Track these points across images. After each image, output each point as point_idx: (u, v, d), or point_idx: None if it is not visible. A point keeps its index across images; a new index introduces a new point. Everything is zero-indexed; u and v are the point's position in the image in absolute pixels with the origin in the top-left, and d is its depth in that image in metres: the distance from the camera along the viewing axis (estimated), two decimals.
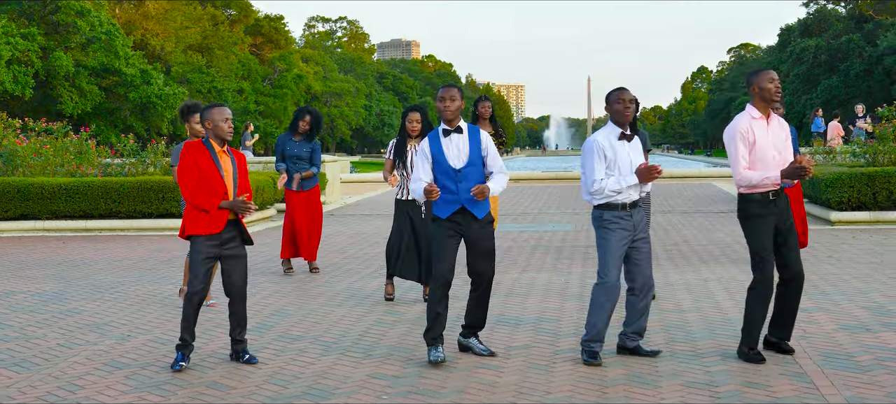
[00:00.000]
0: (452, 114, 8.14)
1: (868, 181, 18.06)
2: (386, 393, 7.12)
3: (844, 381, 7.11)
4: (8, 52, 50.64)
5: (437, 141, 8.15)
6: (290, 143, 13.19)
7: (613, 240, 7.81)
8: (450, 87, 8.25)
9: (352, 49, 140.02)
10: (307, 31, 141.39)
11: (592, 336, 7.85)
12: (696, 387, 7.06)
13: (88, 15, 58.91)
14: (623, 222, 7.83)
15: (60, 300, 11.43)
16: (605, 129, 8.00)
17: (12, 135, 21.67)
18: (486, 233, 8.15)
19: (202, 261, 7.95)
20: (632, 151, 7.96)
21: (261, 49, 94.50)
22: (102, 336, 9.35)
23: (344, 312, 10.33)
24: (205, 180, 7.93)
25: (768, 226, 7.77)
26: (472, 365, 7.88)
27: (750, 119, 7.83)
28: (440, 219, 8.06)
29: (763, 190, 7.76)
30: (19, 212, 19.71)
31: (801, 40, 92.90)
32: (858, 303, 10.18)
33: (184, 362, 7.96)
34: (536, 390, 7.10)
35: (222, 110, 8.03)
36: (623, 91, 7.99)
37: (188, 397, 7.13)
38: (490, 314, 10.00)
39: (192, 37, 76.85)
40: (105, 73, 60.17)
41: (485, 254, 8.14)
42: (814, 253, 14.24)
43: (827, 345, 8.26)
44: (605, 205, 7.85)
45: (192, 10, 79.51)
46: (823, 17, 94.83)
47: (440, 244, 8.02)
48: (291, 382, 7.48)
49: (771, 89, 7.76)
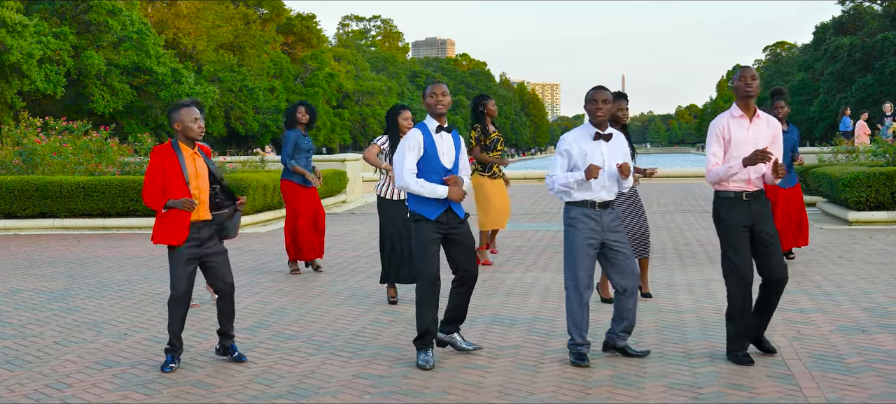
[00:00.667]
0: (444, 110, 8.11)
1: (887, 181, 17.89)
2: (368, 393, 7.11)
3: (830, 383, 7.05)
4: (39, 51, 51.05)
5: (429, 135, 8.08)
6: (303, 139, 13.20)
7: (578, 239, 7.75)
8: (440, 84, 8.23)
9: (385, 48, 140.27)
10: (341, 29, 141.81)
11: (574, 338, 7.83)
12: (680, 388, 7.02)
13: (119, 14, 59.38)
14: (590, 222, 7.76)
15: (64, 298, 11.50)
16: (579, 129, 7.95)
17: (32, 134, 21.83)
18: (467, 230, 8.15)
19: (183, 265, 7.90)
20: (608, 152, 7.86)
21: (293, 48, 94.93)
22: (99, 334, 9.39)
23: (342, 312, 10.33)
24: (168, 185, 7.82)
25: (740, 228, 7.71)
26: (459, 365, 7.86)
27: (729, 117, 7.82)
28: (427, 220, 8.00)
29: (736, 190, 7.71)
30: (38, 211, 19.87)
31: (836, 38, 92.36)
32: (859, 304, 10.08)
33: (174, 364, 7.97)
34: (520, 391, 7.08)
35: (190, 110, 7.92)
36: (598, 90, 7.87)
37: (172, 396, 7.15)
38: (486, 313, 10.04)
39: (223, 35, 77.31)
40: (136, 72, 60.65)
41: (468, 252, 8.13)
42: (824, 253, 14.13)
43: (820, 347, 8.19)
44: (573, 202, 7.80)
45: (224, 8, 79.99)
46: (859, 15, 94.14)
47: (426, 246, 7.95)
48: (276, 381, 7.49)
49: (740, 86, 7.74)
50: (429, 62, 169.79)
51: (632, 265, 7.89)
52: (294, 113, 13.19)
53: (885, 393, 6.79)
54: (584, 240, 7.76)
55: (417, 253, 8.01)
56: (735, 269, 7.71)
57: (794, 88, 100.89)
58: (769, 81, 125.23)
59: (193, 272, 7.98)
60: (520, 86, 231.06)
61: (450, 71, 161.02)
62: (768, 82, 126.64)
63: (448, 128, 8.15)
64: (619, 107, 10.39)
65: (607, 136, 7.87)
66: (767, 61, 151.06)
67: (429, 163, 8.00)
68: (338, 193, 27.54)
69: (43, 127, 22.82)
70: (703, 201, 25.22)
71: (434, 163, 8.01)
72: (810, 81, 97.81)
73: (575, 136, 7.89)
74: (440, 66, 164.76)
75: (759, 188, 7.75)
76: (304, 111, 13.19)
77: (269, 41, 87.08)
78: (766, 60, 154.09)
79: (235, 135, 78.48)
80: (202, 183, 7.95)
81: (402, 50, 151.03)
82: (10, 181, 19.87)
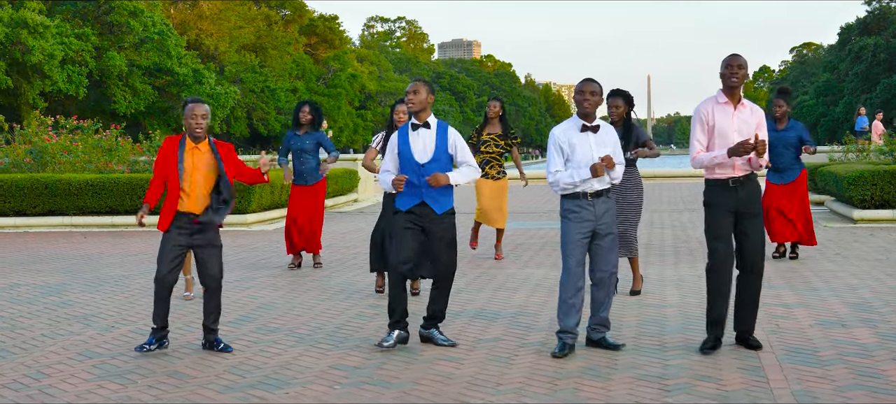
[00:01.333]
0: (415, 107, 8.23)
1: (891, 179, 17.84)
2: (339, 383, 7.18)
3: (799, 375, 7.07)
4: (61, 52, 51.34)
5: (404, 135, 8.28)
6: (295, 138, 13.29)
7: (572, 230, 7.88)
8: (412, 82, 8.34)
9: (410, 49, 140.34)
10: (366, 31, 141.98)
11: (561, 327, 7.94)
12: (648, 380, 7.06)
13: (141, 15, 59.62)
14: (583, 213, 7.88)
15: (59, 292, 11.62)
16: (567, 122, 8.06)
17: (43, 133, 22.03)
18: (446, 225, 8.24)
19: (169, 248, 8.18)
20: (595, 144, 7.95)
21: (315, 49, 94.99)
22: (87, 326, 9.50)
23: (329, 306, 10.41)
24: (165, 174, 8.22)
25: (724, 213, 7.82)
26: (434, 357, 7.92)
27: (714, 103, 7.90)
28: (400, 212, 8.21)
29: (723, 177, 7.80)
30: (47, 208, 20.05)
31: (861, 39, 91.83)
32: (844, 299, 10.08)
33: (152, 346, 8.20)
34: (489, 382, 7.12)
35: (192, 108, 8.19)
36: (586, 82, 8.01)
37: (146, 385, 7.24)
38: (472, 307, 10.09)
39: (245, 37, 77.50)
40: (158, 73, 60.91)
41: (444, 247, 8.23)
42: (821, 250, 14.11)
43: (796, 340, 8.21)
44: (567, 194, 7.91)
45: (247, 10, 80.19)
46: (884, 15, 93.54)
47: (398, 235, 8.18)
48: (251, 372, 7.56)
49: (726, 75, 7.85)
50: (453, 63, 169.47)
51: (606, 259, 7.96)
52: (297, 113, 13.32)
53: (853, 384, 6.80)
54: (576, 230, 7.88)
55: (392, 241, 8.28)
56: (714, 252, 7.84)
57: (819, 89, 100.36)
58: (795, 82, 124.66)
59: (178, 258, 8.21)
60: (545, 87, 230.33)
61: (474, 72, 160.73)
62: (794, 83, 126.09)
63: (426, 124, 8.26)
64: (610, 105, 10.47)
65: (595, 128, 7.98)
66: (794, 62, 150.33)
67: (403, 162, 8.27)
68: (349, 192, 27.66)
69: (54, 125, 23.01)
70: None
71: (407, 161, 8.24)
72: (835, 82, 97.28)
73: (563, 129, 8.03)
74: (464, 67, 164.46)
75: (747, 173, 7.82)
76: (307, 111, 13.30)
77: (292, 42, 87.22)
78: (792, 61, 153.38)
79: (258, 135, 78.67)
80: (199, 177, 8.17)
81: (426, 51, 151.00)
82: (21, 179, 20.07)
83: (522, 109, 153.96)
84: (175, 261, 8.20)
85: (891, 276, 11.56)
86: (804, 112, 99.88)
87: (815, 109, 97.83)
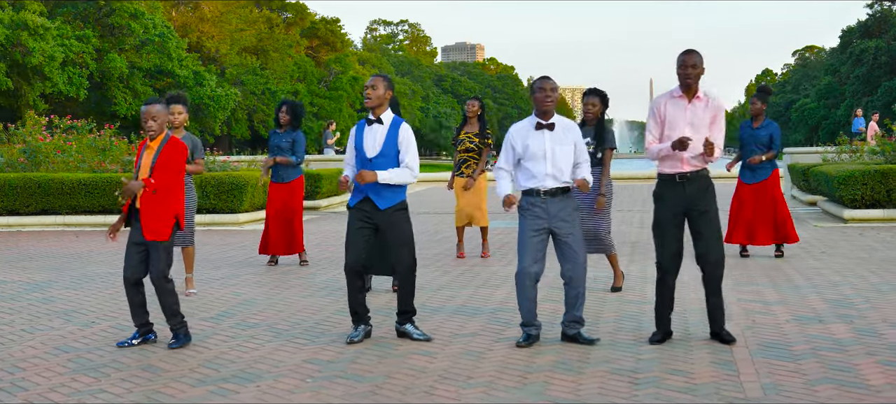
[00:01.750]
0: (373, 103, 8.32)
1: (882, 178, 17.82)
2: (312, 377, 7.19)
3: (770, 369, 7.08)
4: (61, 54, 51.40)
5: (361, 129, 8.42)
6: (275, 136, 13.33)
7: (524, 225, 8.01)
8: (373, 77, 8.42)
9: (413, 52, 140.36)
10: (368, 34, 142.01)
11: (523, 320, 8.00)
12: (619, 374, 7.07)
13: (142, 17, 59.67)
14: (535, 210, 7.93)
15: (43, 289, 11.64)
16: (524, 121, 8.19)
17: (37, 132, 22.05)
18: (395, 220, 8.30)
19: (128, 246, 8.39)
20: (551, 141, 7.99)
21: (317, 51, 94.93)
22: (67, 322, 9.52)
23: (310, 302, 10.43)
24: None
25: (670, 208, 7.91)
26: (408, 352, 7.94)
27: (668, 97, 7.99)
28: (350, 208, 8.39)
29: (671, 171, 7.87)
30: (40, 207, 20.06)
31: (862, 42, 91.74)
32: (824, 296, 10.09)
33: (134, 341, 8.33)
34: (461, 375, 7.14)
35: (143, 110, 8.28)
36: (545, 80, 8.11)
37: (119, 379, 7.26)
38: (451, 303, 10.11)
39: (246, 39, 77.51)
40: (159, 75, 60.97)
41: (396, 243, 8.31)
42: (807, 249, 14.11)
43: (772, 335, 8.23)
44: (524, 190, 8.01)
45: (248, 12, 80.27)
46: (885, 18, 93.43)
47: (350, 234, 8.34)
48: (225, 366, 7.58)
49: (680, 74, 7.99)
50: (455, 66, 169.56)
51: (573, 256, 7.99)
52: (277, 113, 13.34)
53: (823, 378, 6.81)
54: (528, 226, 7.92)
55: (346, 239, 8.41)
56: (658, 249, 8.00)
57: (820, 92, 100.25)
58: (797, 85, 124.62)
59: (138, 255, 8.31)
60: None
61: (477, 75, 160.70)
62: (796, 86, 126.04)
63: (380, 120, 8.34)
64: (585, 104, 10.52)
65: (550, 126, 8.00)
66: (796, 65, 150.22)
67: (357, 155, 8.40)
68: (345, 192, 27.63)
69: (48, 125, 23.04)
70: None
71: (359, 154, 8.38)
72: (837, 85, 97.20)
73: (518, 129, 8.15)
74: (467, 70, 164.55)
75: (696, 169, 7.85)
76: (285, 110, 13.32)
77: (293, 44, 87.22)
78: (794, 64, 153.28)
79: (259, 137, 78.68)
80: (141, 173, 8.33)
81: (429, 54, 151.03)
82: (14, 178, 20.08)
83: (525, 112, 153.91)
84: (133, 257, 8.28)
85: (873, 274, 11.56)
86: (806, 115, 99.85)
87: (816, 112, 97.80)
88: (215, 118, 62.89)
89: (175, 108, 10.78)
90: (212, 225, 19.48)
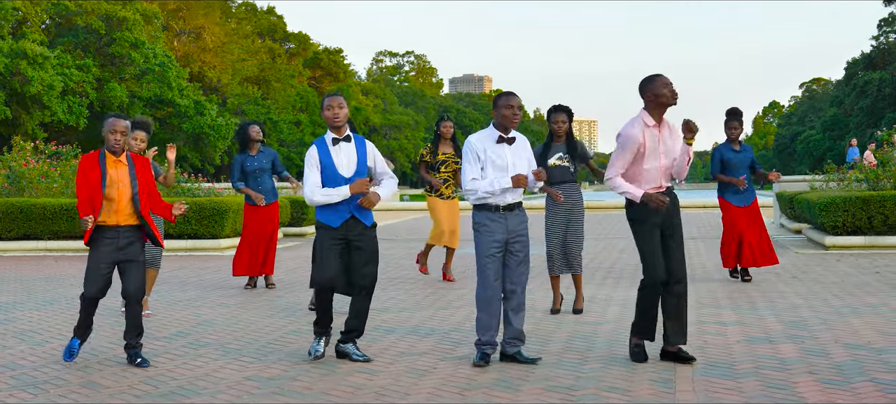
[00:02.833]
0: (341, 121, 8.21)
1: (863, 205, 17.76)
2: (250, 394, 7.16)
3: (708, 387, 7.04)
4: (60, 83, 51.64)
5: (325, 149, 8.22)
6: (249, 159, 13.25)
7: (485, 241, 7.91)
8: (336, 95, 8.33)
9: (419, 83, 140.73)
10: (374, 64, 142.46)
11: (481, 339, 7.96)
12: (556, 390, 7.03)
13: (142, 47, 59.97)
14: (495, 225, 7.88)
15: (6, 310, 11.63)
16: (483, 132, 8.09)
17: (22, 158, 22.10)
18: (372, 237, 8.23)
19: (95, 266, 8.22)
20: (512, 155, 7.99)
21: (320, 81, 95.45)
22: (21, 341, 9.50)
23: (268, 323, 10.41)
24: (89, 190, 8.19)
25: (652, 228, 7.82)
26: (351, 370, 7.91)
27: (643, 126, 7.82)
28: (329, 228, 8.13)
29: (653, 190, 7.81)
30: (22, 232, 20.09)
31: (866, 73, 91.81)
32: (782, 318, 10.04)
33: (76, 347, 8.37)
34: (398, 392, 7.10)
35: (111, 123, 8.23)
36: (511, 97, 8.06)
37: (57, 395, 7.23)
38: (408, 323, 10.08)
39: (248, 69, 77.95)
40: (159, 104, 61.22)
41: (371, 259, 8.20)
42: (780, 274, 14.03)
43: (718, 355, 8.18)
44: (479, 206, 7.93)
45: (250, 43, 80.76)
46: (889, 50, 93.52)
47: (325, 253, 8.11)
48: (165, 383, 7.54)
49: (667, 95, 7.75)
50: (461, 97, 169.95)
51: (517, 274, 7.97)
52: (246, 134, 13.26)
53: (760, 395, 6.77)
54: (490, 242, 7.87)
55: (316, 258, 8.14)
56: (653, 266, 7.80)
57: (825, 123, 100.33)
58: (803, 117, 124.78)
59: (106, 276, 8.26)
60: None
61: (481, 106, 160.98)
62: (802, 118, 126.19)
63: (347, 138, 8.26)
64: (555, 120, 10.53)
65: (510, 140, 7.99)
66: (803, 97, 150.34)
67: (327, 175, 8.17)
68: None
69: (33, 151, 23.09)
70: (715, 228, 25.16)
71: (331, 174, 8.17)
72: (842, 117, 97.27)
73: (480, 138, 8.04)
74: (472, 101, 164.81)
75: (668, 186, 7.84)
76: (258, 129, 13.30)
77: (296, 74, 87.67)
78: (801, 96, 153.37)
79: None
80: (122, 190, 8.20)
81: (435, 85, 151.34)
82: None
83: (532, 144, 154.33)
84: (103, 279, 8.23)
85: (837, 298, 11.49)
86: (811, 146, 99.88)
87: (821, 144, 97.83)
88: (215, 147, 63.07)
89: (137, 135, 10.71)
90: (193, 250, 19.48)
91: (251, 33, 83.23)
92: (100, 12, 59.82)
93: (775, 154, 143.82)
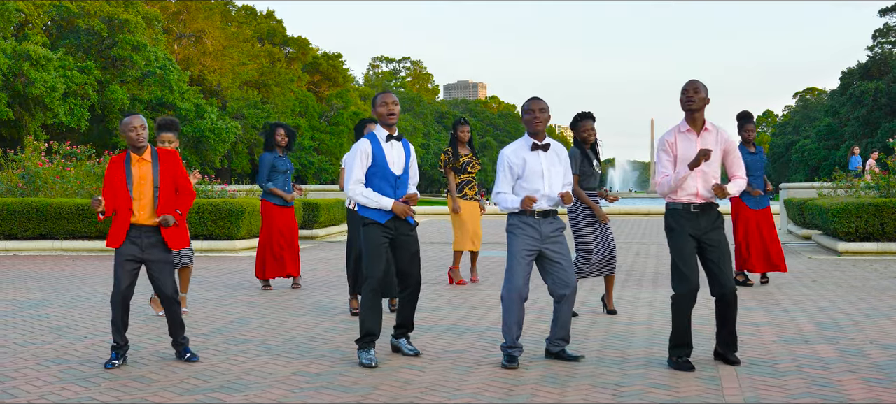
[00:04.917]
0: (396, 119, 8.31)
1: (876, 212, 17.90)
2: (299, 388, 7.25)
3: (753, 384, 7.14)
4: (63, 85, 51.63)
5: (379, 144, 8.27)
6: (279, 160, 13.38)
7: (517, 245, 7.96)
8: (389, 93, 8.38)
9: (415, 89, 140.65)
10: (371, 70, 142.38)
11: (507, 342, 7.99)
12: (603, 387, 7.13)
13: (144, 50, 59.97)
14: (528, 229, 7.94)
15: (39, 307, 11.72)
16: (518, 142, 8.11)
17: (36, 158, 22.18)
18: (414, 237, 8.33)
19: (120, 264, 8.20)
20: (546, 162, 8.03)
21: (319, 86, 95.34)
22: (60, 337, 9.58)
23: (302, 321, 10.50)
24: (114, 190, 8.22)
25: (686, 238, 7.82)
26: (398, 366, 8.00)
27: (677, 132, 7.92)
28: (376, 224, 8.19)
29: (685, 201, 7.83)
30: (38, 232, 20.16)
31: (862, 84, 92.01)
32: (812, 319, 10.16)
33: (117, 361, 8.16)
34: (446, 388, 7.19)
35: (126, 123, 8.21)
36: (535, 101, 8.08)
37: (109, 388, 7.32)
38: (442, 322, 10.17)
39: (248, 73, 77.93)
40: (160, 107, 61.14)
41: (414, 257, 8.29)
42: (799, 278, 14.16)
43: (757, 354, 8.29)
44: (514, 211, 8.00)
45: (250, 47, 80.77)
46: (884, 60, 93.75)
47: (375, 249, 8.14)
48: (214, 377, 7.64)
49: (683, 100, 7.85)
50: (457, 104, 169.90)
51: (567, 276, 8.03)
52: (273, 135, 13.39)
53: (805, 393, 6.87)
54: (521, 247, 7.93)
55: (366, 255, 8.18)
56: (681, 276, 7.79)
57: (820, 133, 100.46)
58: (797, 127, 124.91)
59: (133, 273, 8.23)
60: (549, 129, 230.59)
61: (478, 113, 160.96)
62: (796, 127, 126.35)
63: (398, 136, 8.34)
64: (584, 128, 10.56)
65: (545, 147, 8.05)
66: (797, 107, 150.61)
67: (379, 172, 8.21)
68: (341, 222, 27.72)
69: (47, 151, 23.16)
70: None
71: (384, 171, 8.22)
72: (837, 126, 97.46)
73: (514, 149, 8.09)
74: (469, 107, 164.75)
75: (708, 201, 7.86)
76: (283, 133, 13.41)
77: (295, 79, 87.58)
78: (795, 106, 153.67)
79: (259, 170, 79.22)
80: (145, 189, 8.20)
81: (431, 91, 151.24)
82: (12, 203, 20.19)
83: None
84: (129, 277, 8.23)
85: (862, 300, 11.63)
86: (806, 155, 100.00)
87: (816, 153, 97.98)
88: (216, 151, 63.03)
89: (165, 136, 10.72)
90: (209, 251, 19.57)
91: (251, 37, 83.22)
92: (102, 15, 59.83)
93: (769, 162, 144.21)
